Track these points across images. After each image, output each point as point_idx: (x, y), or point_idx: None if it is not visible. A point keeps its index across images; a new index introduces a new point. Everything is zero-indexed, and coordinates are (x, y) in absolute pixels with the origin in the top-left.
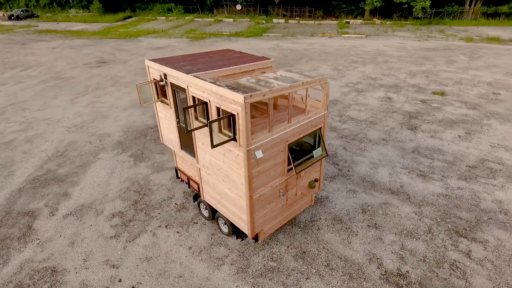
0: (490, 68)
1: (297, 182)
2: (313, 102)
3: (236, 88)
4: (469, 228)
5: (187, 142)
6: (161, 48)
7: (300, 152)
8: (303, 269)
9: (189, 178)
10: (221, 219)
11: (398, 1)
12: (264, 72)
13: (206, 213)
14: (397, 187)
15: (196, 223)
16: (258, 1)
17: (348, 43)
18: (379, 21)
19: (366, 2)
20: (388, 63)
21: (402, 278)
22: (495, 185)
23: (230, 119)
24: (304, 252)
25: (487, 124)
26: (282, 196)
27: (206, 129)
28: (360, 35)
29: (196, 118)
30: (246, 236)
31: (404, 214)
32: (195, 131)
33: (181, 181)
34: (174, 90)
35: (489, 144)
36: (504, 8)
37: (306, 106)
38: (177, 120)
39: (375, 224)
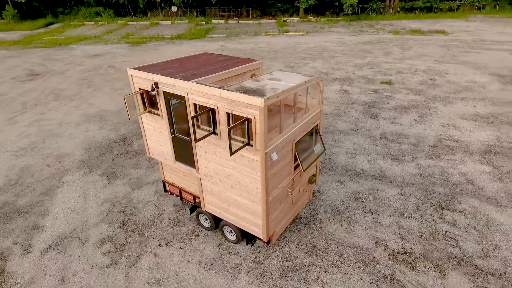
0: (421, 57)
1: (300, 180)
2: (309, 99)
3: (248, 92)
4: (448, 201)
5: (183, 153)
6: (99, 56)
7: (302, 150)
8: (318, 263)
9: (181, 190)
10: (227, 227)
11: None
12: (254, 74)
13: (207, 224)
14: (378, 172)
15: (198, 235)
16: (194, 2)
17: (292, 40)
18: (314, 18)
19: (301, 0)
20: (334, 57)
21: (408, 255)
22: (456, 160)
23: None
24: (314, 246)
25: (434, 107)
26: (290, 195)
27: (211, 136)
28: (301, 33)
29: (198, 127)
30: (255, 240)
31: (391, 196)
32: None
33: (170, 194)
34: (169, 99)
35: (440, 124)
36: (419, 3)
37: (307, 104)
38: (171, 130)
39: (370, 209)
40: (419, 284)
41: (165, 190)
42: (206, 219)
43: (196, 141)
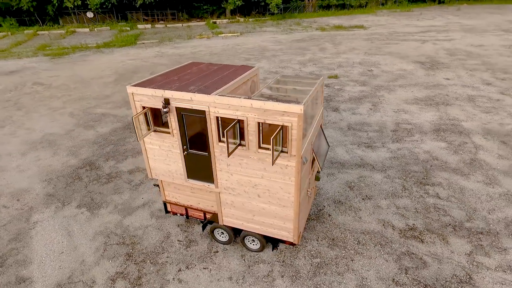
0: (352, 51)
1: (311, 178)
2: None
3: (280, 100)
4: (425, 177)
5: (198, 169)
6: (17, 72)
7: (316, 149)
8: (343, 254)
9: (187, 209)
10: (249, 237)
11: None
12: (253, 80)
13: (223, 238)
14: (359, 161)
15: (217, 251)
16: (113, 6)
17: (229, 42)
18: (242, 19)
19: (228, 1)
20: (277, 56)
21: (413, 231)
22: (417, 141)
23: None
24: (333, 239)
25: (381, 96)
26: (309, 194)
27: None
28: (235, 34)
29: (219, 140)
30: (278, 245)
31: (379, 180)
32: (215, 153)
33: (173, 214)
34: (182, 115)
35: (392, 110)
36: (334, 1)
37: (322, 103)
38: (184, 147)
39: (366, 195)
40: (432, 254)
41: (166, 211)
42: (223, 233)
43: (229, 154)
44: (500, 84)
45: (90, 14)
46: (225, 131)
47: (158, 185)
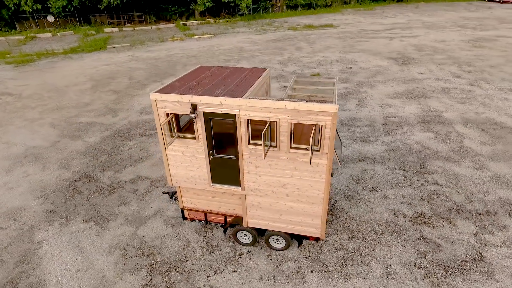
0: (328, 49)
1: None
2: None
3: (313, 100)
4: (422, 166)
5: (223, 173)
6: None
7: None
8: (364, 245)
9: (206, 214)
10: (274, 237)
11: (226, 0)
12: (266, 82)
13: (246, 240)
14: (358, 155)
15: (242, 254)
16: (76, 10)
17: (204, 44)
18: (213, 20)
19: (198, 2)
20: (255, 57)
21: (423, 217)
22: (406, 132)
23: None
24: (351, 231)
25: (364, 91)
26: (331, 190)
27: (258, 151)
28: (208, 35)
29: (249, 143)
30: (302, 242)
31: (381, 172)
32: (244, 156)
33: (191, 220)
34: (210, 119)
35: (377, 105)
36: (301, 1)
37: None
38: (210, 152)
39: (372, 187)
40: (444, 237)
41: (184, 218)
42: (246, 235)
43: (265, 156)
44: (467, 76)
45: (50, 18)
46: (262, 133)
47: (168, 193)
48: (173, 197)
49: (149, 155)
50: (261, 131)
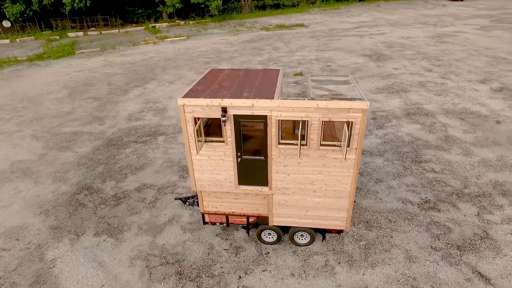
0: (304, 48)
1: None
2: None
3: (343, 98)
4: (417, 156)
5: (251, 175)
6: None
7: None
8: (382, 233)
9: (228, 216)
10: (298, 233)
11: (196, 2)
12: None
13: (271, 239)
14: None
15: (268, 252)
16: (35, 14)
17: (179, 46)
18: (183, 22)
19: (167, 4)
20: (235, 58)
21: (429, 203)
22: (396, 125)
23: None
24: (367, 222)
25: None
26: None
27: (287, 150)
28: (182, 37)
29: (279, 143)
30: (325, 236)
31: (381, 164)
32: (273, 156)
33: (211, 224)
34: (239, 121)
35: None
36: (269, 1)
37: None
38: (238, 154)
39: (377, 179)
40: (451, 220)
41: (204, 222)
42: (270, 234)
43: (300, 154)
44: (438, 70)
45: (6, 24)
46: (298, 132)
47: (180, 199)
48: (187, 203)
49: (149, 162)
50: (284, 131)
